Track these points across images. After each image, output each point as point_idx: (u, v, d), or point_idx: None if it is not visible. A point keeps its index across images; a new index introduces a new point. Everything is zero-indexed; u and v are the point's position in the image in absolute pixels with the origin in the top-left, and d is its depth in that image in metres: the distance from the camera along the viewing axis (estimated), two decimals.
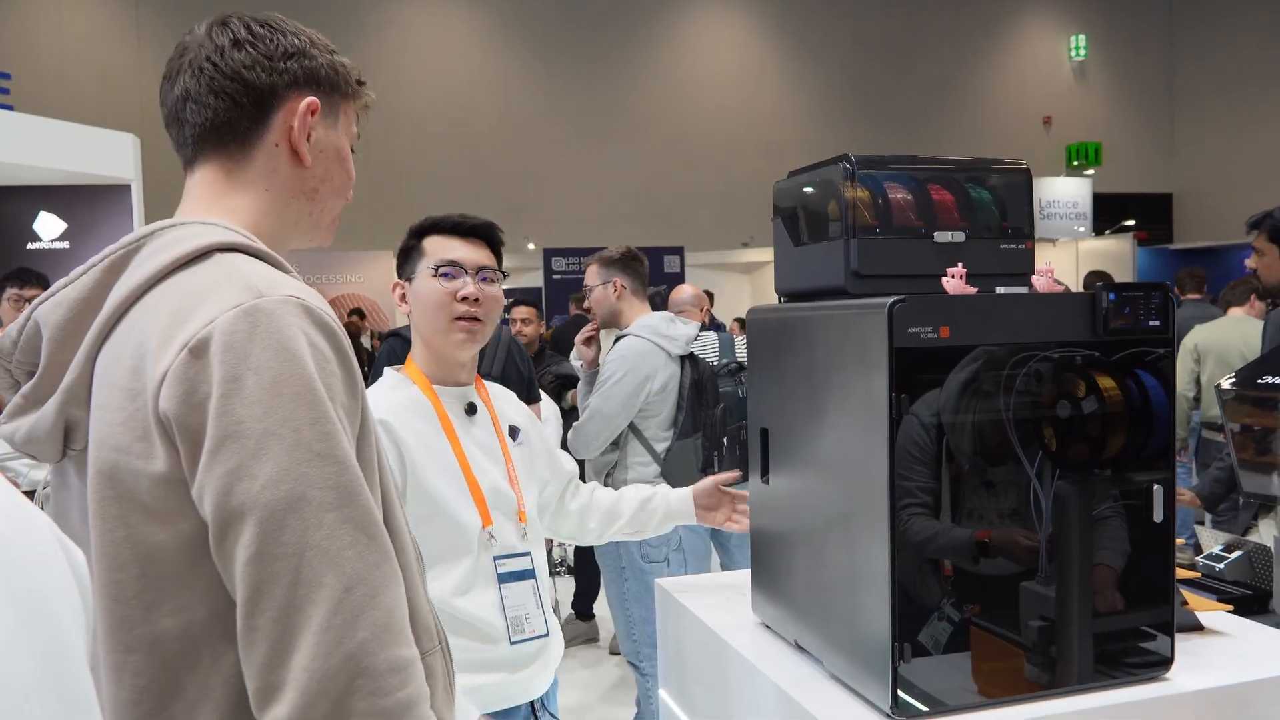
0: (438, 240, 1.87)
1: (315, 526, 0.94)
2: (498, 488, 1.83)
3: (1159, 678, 1.47)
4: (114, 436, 0.99)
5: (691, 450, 3.40)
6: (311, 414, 0.96)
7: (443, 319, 1.82)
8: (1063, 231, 13.17)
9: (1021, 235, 1.64)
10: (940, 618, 1.42)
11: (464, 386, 1.89)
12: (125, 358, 1.00)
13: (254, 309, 0.97)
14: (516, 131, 15.08)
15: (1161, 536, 1.48)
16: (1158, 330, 1.45)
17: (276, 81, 1.14)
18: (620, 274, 3.47)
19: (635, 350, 3.32)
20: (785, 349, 1.66)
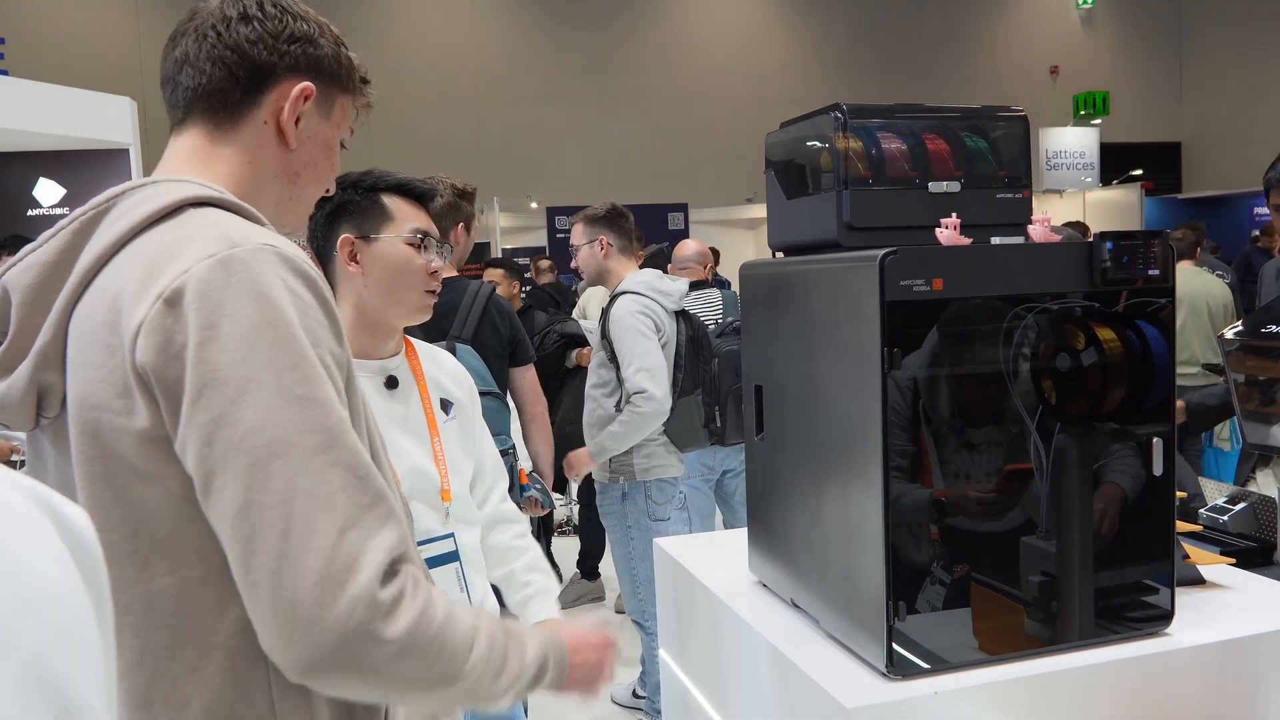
0: (401, 203, 1.76)
1: (302, 471, 0.92)
2: (418, 468, 1.71)
3: (1159, 633, 1.45)
4: (95, 394, 0.97)
5: (694, 408, 3.34)
6: (291, 358, 0.94)
7: (412, 289, 1.73)
8: (1070, 182, 13.02)
9: (1018, 184, 1.60)
10: (936, 575, 1.40)
11: (387, 359, 1.77)
12: (100, 314, 0.98)
13: (229, 258, 0.96)
14: (519, 90, 14.92)
15: (1162, 490, 1.45)
16: (1157, 279, 1.41)
17: (277, 62, 1.13)
18: (606, 231, 3.40)
19: (635, 306, 3.26)
20: (778, 304, 1.63)
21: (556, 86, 15.07)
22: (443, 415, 1.80)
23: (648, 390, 3.14)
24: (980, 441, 1.40)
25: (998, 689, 1.34)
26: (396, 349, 1.80)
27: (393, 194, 1.76)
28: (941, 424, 1.38)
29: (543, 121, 14.86)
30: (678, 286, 3.40)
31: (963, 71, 16.26)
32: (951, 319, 1.35)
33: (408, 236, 1.73)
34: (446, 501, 1.74)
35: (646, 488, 3.33)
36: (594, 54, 15.30)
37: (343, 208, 1.75)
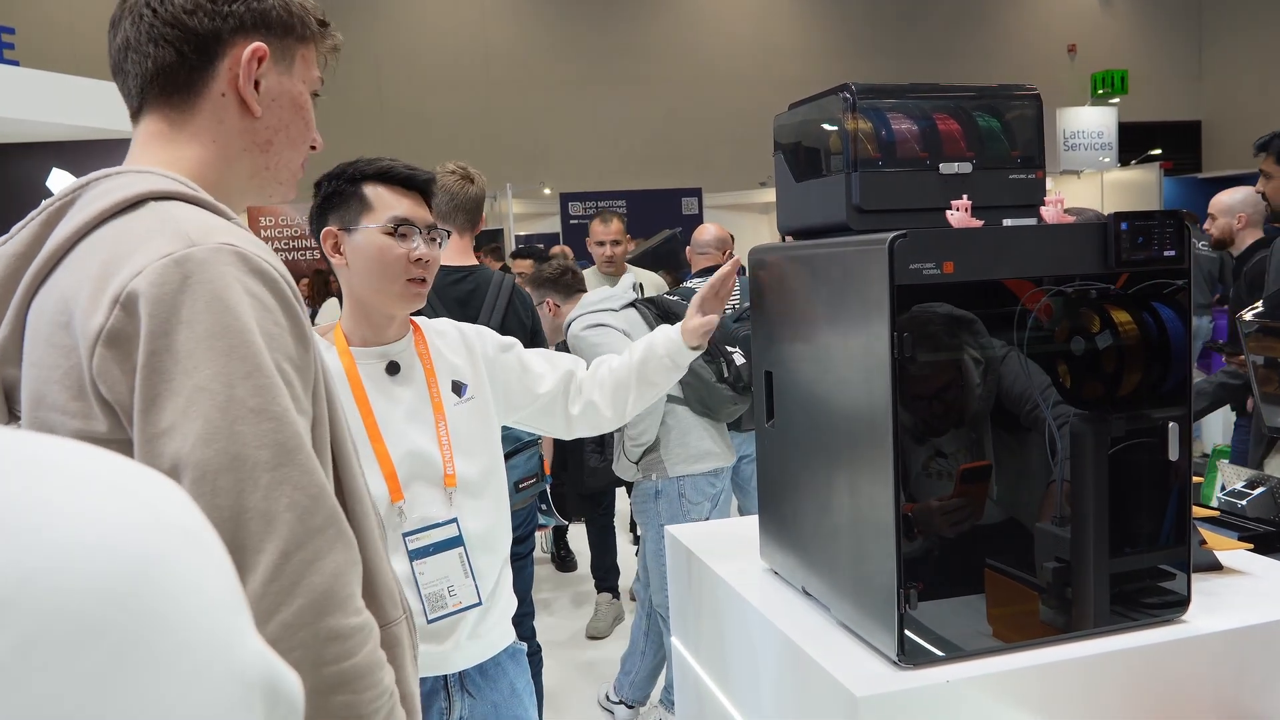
0: (384, 193, 1.71)
1: (251, 488, 0.89)
2: (417, 451, 1.70)
3: (1176, 619, 1.43)
4: (49, 395, 0.95)
5: (699, 368, 3.19)
6: (245, 367, 0.91)
7: (392, 279, 1.70)
8: (1087, 163, 12.87)
9: (1032, 165, 1.57)
10: (949, 562, 1.38)
11: (389, 345, 1.75)
12: (54, 312, 0.96)
13: (185, 258, 0.92)
14: (531, 75, 14.87)
15: (1178, 474, 1.43)
16: (1173, 260, 1.39)
17: (220, 26, 1.06)
18: (552, 292, 3.45)
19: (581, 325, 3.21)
20: (787, 289, 1.61)
21: (569, 71, 15.01)
22: (453, 398, 1.78)
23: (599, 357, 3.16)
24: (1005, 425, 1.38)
25: (1011, 677, 1.32)
26: (399, 334, 1.77)
27: (374, 182, 1.72)
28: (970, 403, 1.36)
29: (555, 107, 14.81)
30: (616, 290, 3.32)
31: (979, 51, 16.09)
32: (963, 302, 1.33)
33: (385, 226, 1.70)
34: (450, 486, 1.72)
35: (680, 485, 3.22)
36: (606, 38, 15.23)
37: (328, 199, 1.73)
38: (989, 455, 1.38)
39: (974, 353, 1.35)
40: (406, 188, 1.73)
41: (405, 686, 1.07)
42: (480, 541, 1.75)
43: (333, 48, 1.18)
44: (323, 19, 1.16)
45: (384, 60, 14.19)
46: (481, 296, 2.81)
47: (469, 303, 2.75)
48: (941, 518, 1.34)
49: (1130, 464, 1.42)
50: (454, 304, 2.70)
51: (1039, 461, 1.39)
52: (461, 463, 1.75)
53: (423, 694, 1.67)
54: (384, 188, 1.72)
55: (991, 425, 1.38)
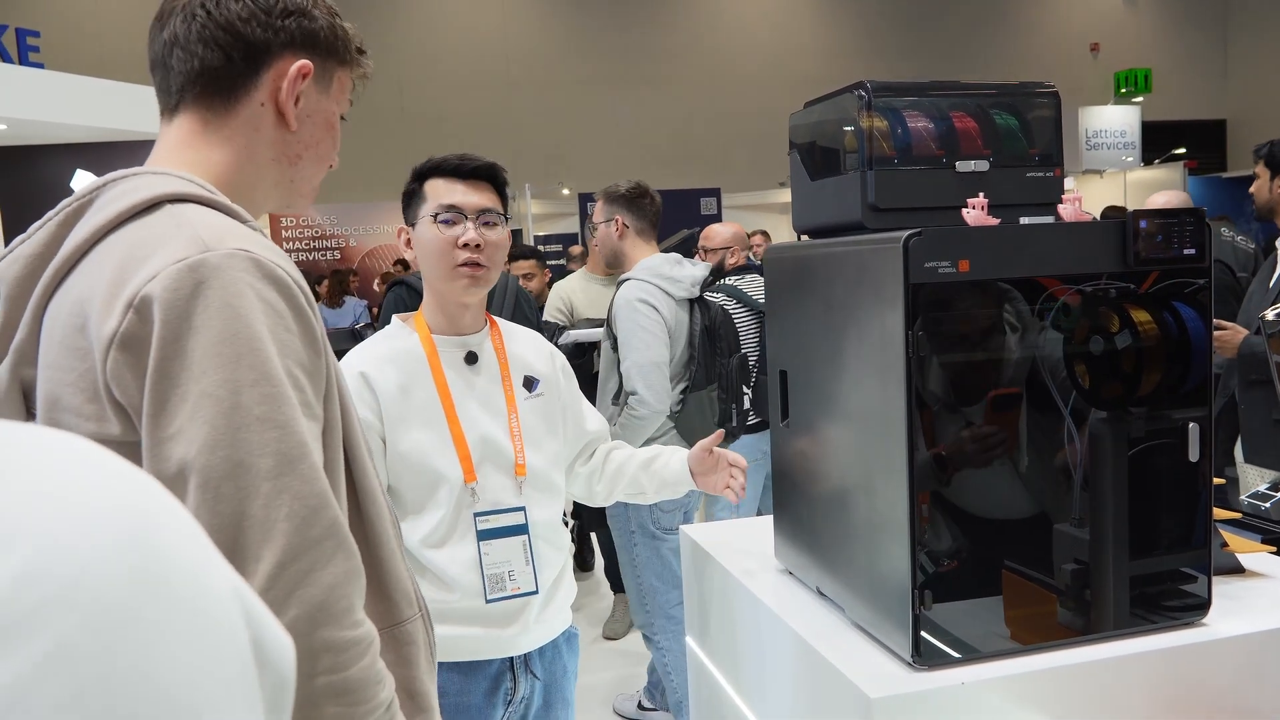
0: (439, 184, 1.80)
1: (252, 496, 0.90)
2: (491, 440, 1.77)
3: (1196, 622, 1.41)
4: (65, 397, 0.96)
5: (706, 404, 3.07)
6: (253, 374, 0.92)
7: (445, 266, 1.77)
8: (1110, 162, 12.77)
9: (1050, 163, 1.56)
10: (965, 562, 1.37)
11: (467, 335, 1.83)
12: (70, 314, 0.97)
13: (199, 264, 0.93)
14: (550, 75, 14.91)
15: (1198, 476, 1.41)
16: (1193, 259, 1.37)
17: (271, 39, 1.08)
18: (624, 211, 3.15)
19: (637, 293, 3.01)
20: (802, 288, 1.60)
21: (588, 71, 15.03)
22: (524, 392, 1.85)
23: (639, 393, 2.91)
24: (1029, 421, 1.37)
25: (1027, 680, 1.31)
26: (476, 326, 1.85)
27: (431, 176, 1.81)
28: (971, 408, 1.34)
29: (574, 107, 14.84)
30: (692, 272, 3.12)
31: (1000, 50, 16.00)
32: (980, 301, 1.32)
33: (433, 215, 1.77)
34: (520, 475, 1.79)
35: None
36: (625, 38, 15.24)
37: (404, 200, 1.84)
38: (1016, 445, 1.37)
39: (992, 352, 1.34)
40: (458, 176, 1.80)
41: (418, 685, 1.07)
42: (544, 533, 1.81)
43: (363, 75, 1.22)
44: (361, 47, 1.19)
45: (405, 61, 14.26)
46: (490, 298, 2.77)
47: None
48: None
49: (1150, 465, 1.40)
50: None
51: (1058, 462, 1.38)
52: (532, 455, 1.82)
53: (490, 675, 1.75)
54: (439, 179, 1.80)
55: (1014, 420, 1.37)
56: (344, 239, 11.95)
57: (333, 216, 12.02)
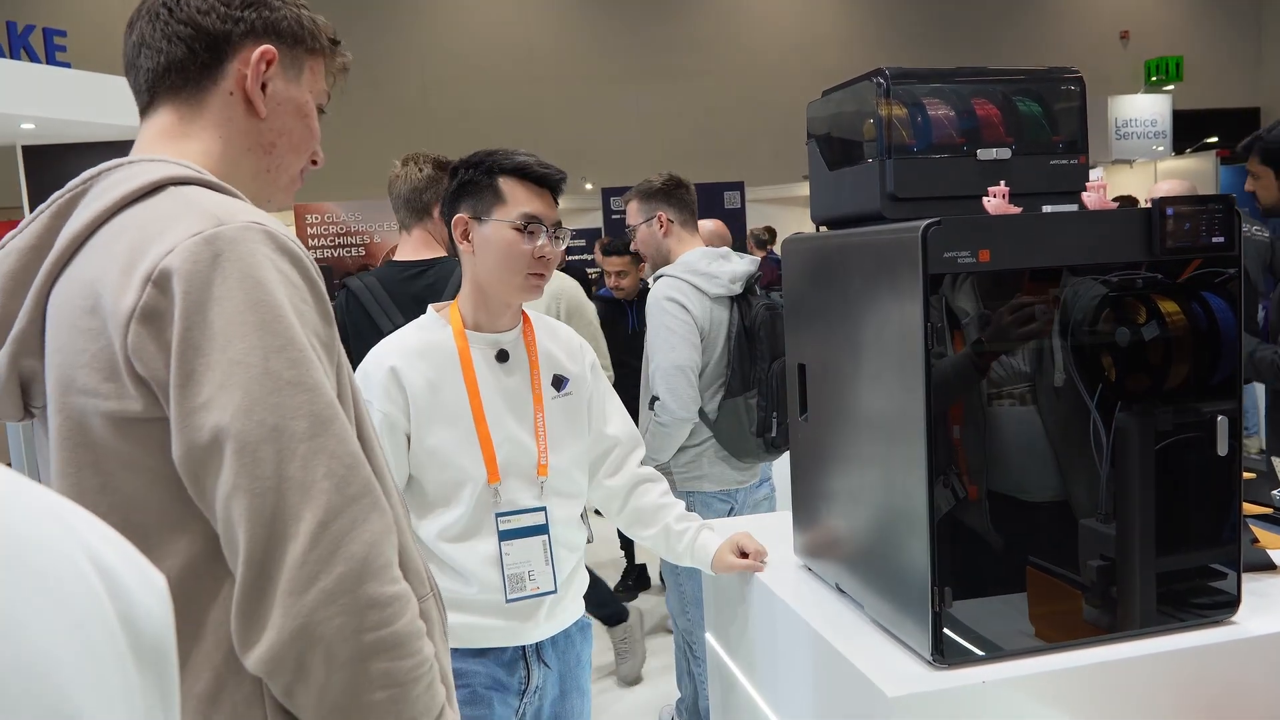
0: (516, 186, 1.75)
1: (290, 458, 0.91)
2: (515, 440, 1.75)
3: (1225, 620, 1.38)
4: (78, 379, 0.95)
5: (742, 411, 2.84)
6: (279, 341, 0.93)
7: (516, 273, 1.74)
8: (1140, 152, 12.58)
9: (1074, 150, 1.52)
10: (987, 558, 1.35)
11: (503, 333, 1.80)
12: (79, 298, 0.97)
13: (215, 236, 0.94)
14: (573, 71, 14.90)
15: (1227, 470, 1.37)
16: (1222, 247, 1.33)
17: (232, 29, 1.09)
18: (664, 206, 2.95)
19: (668, 290, 2.84)
20: (820, 280, 1.58)
21: (610, 66, 15.00)
22: (552, 391, 1.83)
23: (662, 398, 2.75)
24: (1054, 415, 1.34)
25: (1051, 679, 1.28)
26: (512, 323, 1.82)
27: (510, 176, 1.76)
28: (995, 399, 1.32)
29: (597, 102, 14.82)
30: (733, 268, 2.88)
31: (1027, 39, 15.81)
32: (1001, 292, 1.29)
33: (515, 221, 1.73)
34: (542, 476, 1.77)
35: (689, 501, 2.84)
36: (647, 32, 15.20)
37: (463, 187, 1.78)
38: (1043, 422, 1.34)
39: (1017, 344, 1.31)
40: (540, 185, 1.76)
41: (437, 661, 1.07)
42: (562, 532, 1.80)
43: (342, 67, 1.22)
44: (334, 38, 1.20)
45: (428, 58, 14.30)
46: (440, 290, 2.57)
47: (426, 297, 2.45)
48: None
49: (1178, 459, 1.37)
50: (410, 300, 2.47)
51: (1085, 456, 1.35)
52: (554, 456, 1.80)
53: (503, 662, 1.76)
54: (518, 182, 1.76)
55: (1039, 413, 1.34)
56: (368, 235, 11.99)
57: (357, 213, 12.06)
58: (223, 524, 0.91)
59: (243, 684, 0.95)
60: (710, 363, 2.83)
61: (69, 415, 0.96)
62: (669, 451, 2.84)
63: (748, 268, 2.91)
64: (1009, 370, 1.33)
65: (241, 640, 0.92)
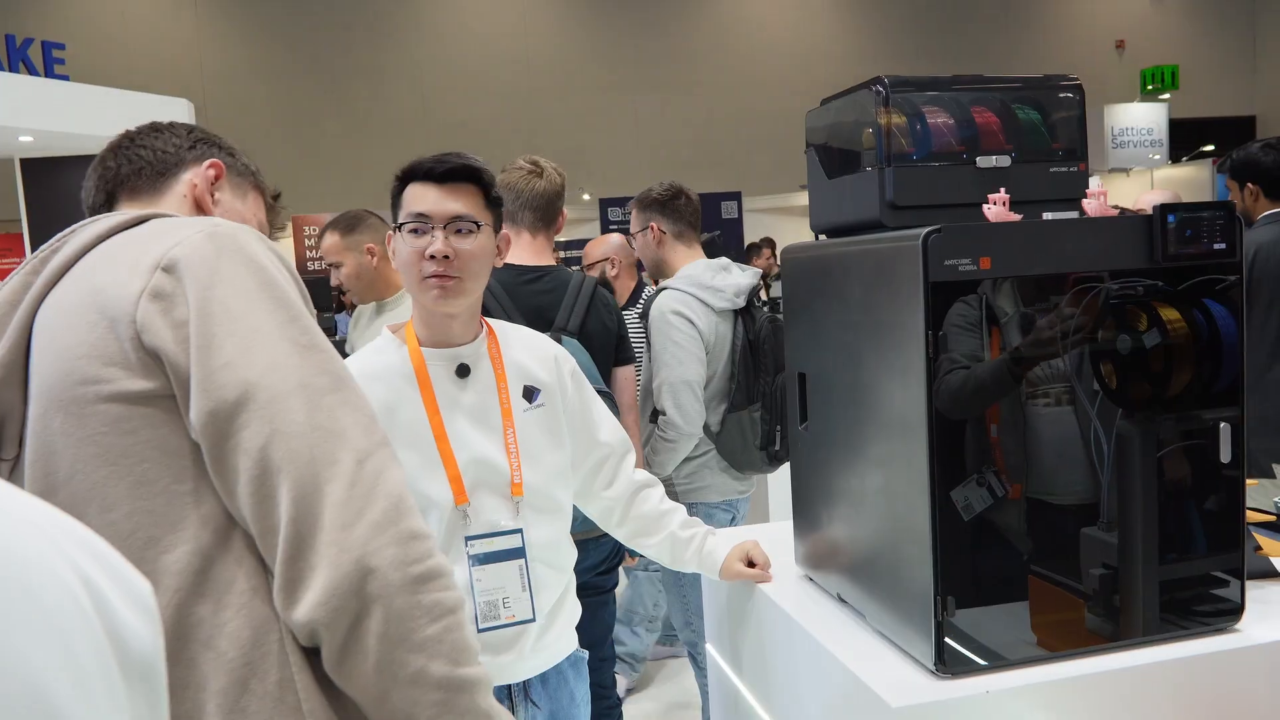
0: (414, 189, 1.66)
1: (317, 408, 0.95)
2: (484, 459, 1.65)
3: (1228, 628, 1.37)
4: (77, 371, 0.96)
5: (747, 425, 2.82)
6: (289, 313, 0.99)
7: (413, 278, 1.65)
8: (1137, 160, 12.62)
9: (1074, 157, 1.52)
10: (990, 567, 1.34)
11: (459, 346, 1.70)
12: (75, 301, 1.00)
13: (215, 233, 1.01)
14: (571, 81, 14.93)
15: (1230, 477, 1.37)
16: (1223, 254, 1.33)
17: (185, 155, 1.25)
18: (659, 216, 2.93)
19: (672, 303, 2.80)
20: (820, 289, 1.57)
21: (608, 76, 15.04)
22: (524, 404, 1.73)
23: (668, 414, 2.72)
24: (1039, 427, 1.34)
25: (1054, 688, 1.27)
26: (468, 335, 1.72)
27: (408, 180, 1.69)
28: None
29: (595, 112, 14.84)
30: (737, 280, 2.87)
31: (1024, 48, 15.86)
32: (1004, 300, 1.29)
33: (401, 223, 1.67)
34: (517, 495, 1.67)
35: (690, 512, 2.84)
36: (645, 43, 15.24)
37: (391, 201, 1.73)
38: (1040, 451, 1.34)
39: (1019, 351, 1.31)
40: (433, 180, 1.67)
41: None
42: (543, 554, 1.70)
43: (281, 225, 1.37)
44: (277, 193, 1.36)
45: (426, 69, 14.32)
46: (559, 298, 2.52)
47: (547, 306, 2.47)
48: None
49: (1181, 467, 1.37)
50: (529, 308, 2.43)
51: (1088, 463, 1.34)
52: (529, 472, 1.70)
53: None
54: (415, 184, 1.68)
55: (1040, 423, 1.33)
56: None
57: None
58: (255, 475, 0.93)
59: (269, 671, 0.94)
60: (714, 376, 2.82)
61: (70, 411, 0.97)
62: (672, 466, 2.81)
63: (750, 280, 2.90)
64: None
65: (291, 591, 0.92)
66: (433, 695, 0.92)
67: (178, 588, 0.94)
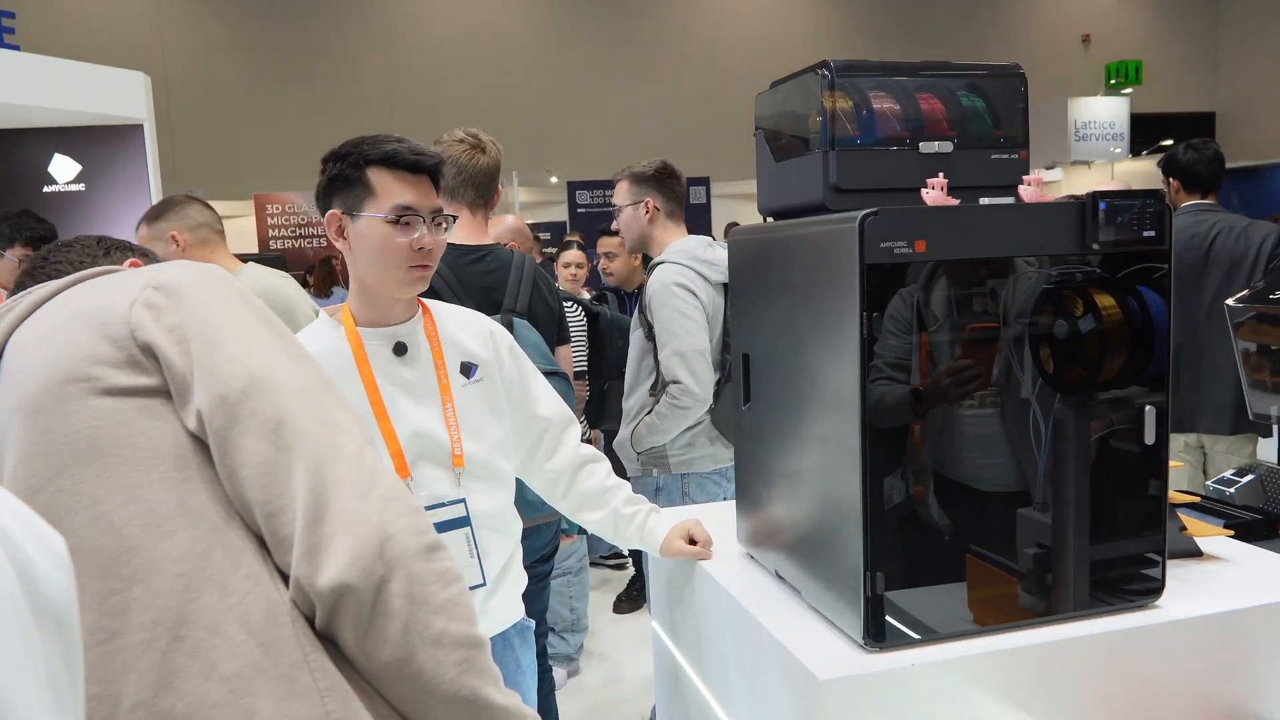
0: (385, 177, 1.66)
1: (316, 403, 1.02)
2: (424, 433, 1.69)
3: (1149, 605, 1.41)
4: (66, 372, 0.98)
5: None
6: (276, 329, 1.07)
7: (393, 268, 1.67)
8: (1098, 153, 12.78)
9: (1015, 144, 1.55)
10: (927, 548, 1.37)
11: (396, 325, 1.73)
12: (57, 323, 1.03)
13: (195, 267, 1.09)
14: (540, 64, 14.84)
15: (1155, 460, 1.41)
16: (1152, 241, 1.36)
17: None
18: (654, 193, 2.97)
19: (674, 276, 2.84)
20: (763, 270, 1.59)
21: (577, 58, 14.97)
22: (462, 379, 1.76)
23: (683, 382, 2.75)
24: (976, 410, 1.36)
25: (980, 660, 1.30)
26: (406, 315, 1.75)
27: (378, 167, 1.66)
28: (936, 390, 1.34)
29: (563, 95, 14.78)
30: (724, 255, 2.89)
31: (992, 41, 15.98)
32: (940, 284, 1.31)
33: (388, 215, 1.65)
34: (458, 466, 1.71)
35: (684, 483, 2.90)
36: (615, 26, 15.18)
37: (333, 182, 1.69)
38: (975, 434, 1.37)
39: (956, 336, 1.33)
40: (412, 172, 1.68)
41: None
42: (489, 522, 1.74)
43: None
44: None
45: (393, 48, 14.18)
46: (504, 278, 2.53)
47: (492, 287, 2.48)
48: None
49: (1113, 450, 1.40)
50: (477, 290, 2.43)
51: (1023, 446, 1.37)
52: (470, 444, 1.73)
53: None
54: (388, 173, 1.66)
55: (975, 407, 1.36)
56: None
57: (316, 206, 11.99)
58: (267, 456, 0.97)
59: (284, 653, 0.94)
60: (710, 347, 2.87)
61: (57, 411, 0.97)
62: (674, 434, 2.84)
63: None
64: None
65: (314, 555, 0.94)
66: (457, 654, 0.96)
67: (179, 573, 0.94)
